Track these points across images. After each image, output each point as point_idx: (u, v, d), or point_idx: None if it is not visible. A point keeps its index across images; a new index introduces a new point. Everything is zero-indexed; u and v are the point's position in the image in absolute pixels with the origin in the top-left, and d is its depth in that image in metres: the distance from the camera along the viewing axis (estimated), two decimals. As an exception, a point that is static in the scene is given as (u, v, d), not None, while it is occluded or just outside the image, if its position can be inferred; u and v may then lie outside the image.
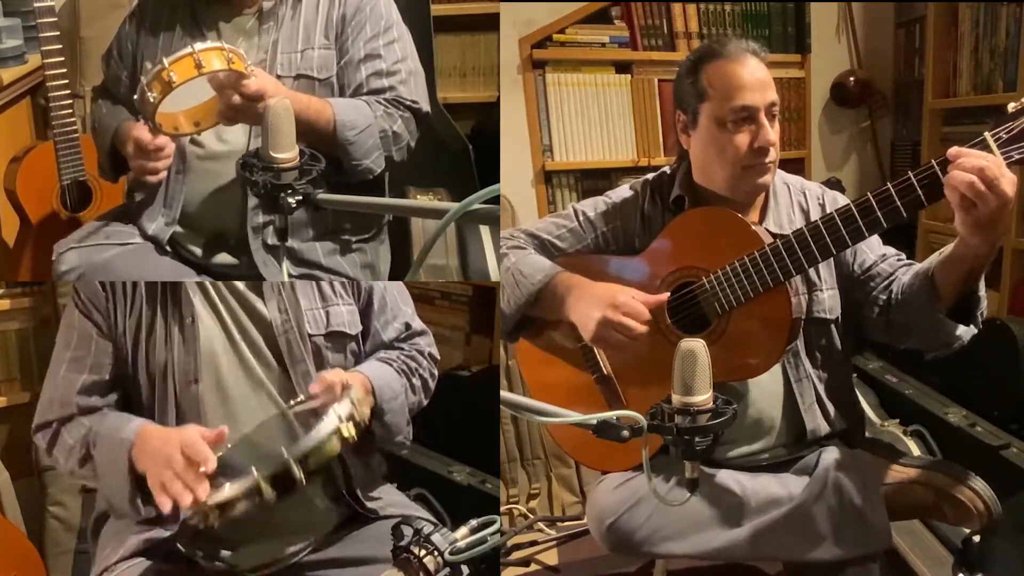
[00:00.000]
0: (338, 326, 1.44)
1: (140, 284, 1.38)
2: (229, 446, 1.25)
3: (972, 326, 1.36)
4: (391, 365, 1.46)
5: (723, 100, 1.40)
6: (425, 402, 1.53)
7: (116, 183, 1.74)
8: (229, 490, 1.07)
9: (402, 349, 1.52)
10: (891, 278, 1.44)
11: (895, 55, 3.15)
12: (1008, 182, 1.14)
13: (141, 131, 1.46)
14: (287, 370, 1.38)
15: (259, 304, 1.39)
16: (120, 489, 1.24)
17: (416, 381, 1.49)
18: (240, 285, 1.40)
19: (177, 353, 1.34)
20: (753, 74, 1.40)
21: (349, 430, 1.12)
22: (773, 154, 1.42)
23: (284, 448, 1.06)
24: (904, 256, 1.48)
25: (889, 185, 1.22)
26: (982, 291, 1.35)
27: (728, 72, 1.40)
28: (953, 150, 1.16)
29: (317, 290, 1.44)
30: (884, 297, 1.43)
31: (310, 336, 1.40)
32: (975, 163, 1.14)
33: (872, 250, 1.47)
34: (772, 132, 1.40)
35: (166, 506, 1.14)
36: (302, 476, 1.07)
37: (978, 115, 2.68)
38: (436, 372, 1.56)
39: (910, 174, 1.21)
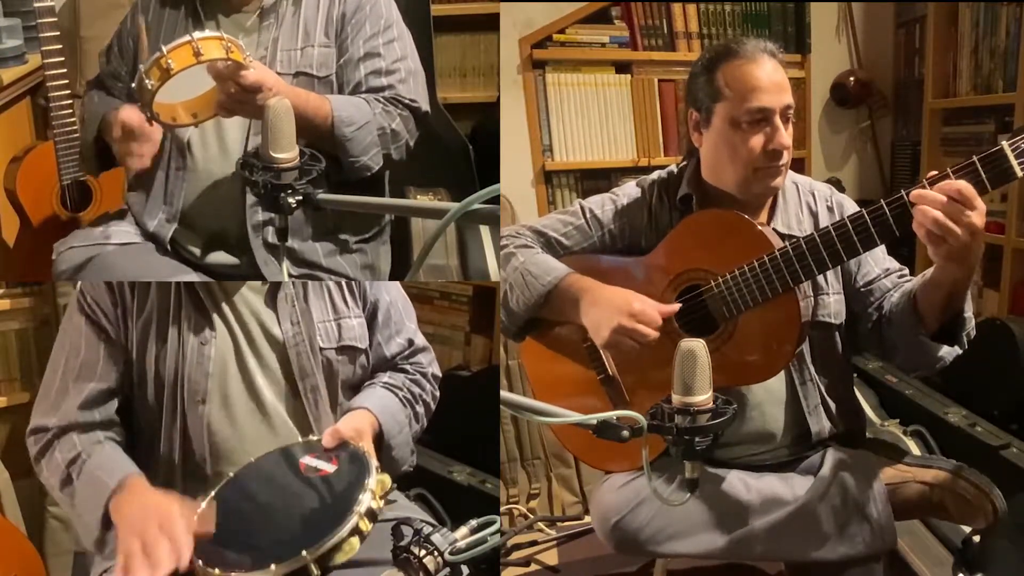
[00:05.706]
0: (350, 340, 1.41)
1: (152, 288, 1.34)
2: (232, 475, 1.24)
3: (956, 347, 1.36)
4: (396, 395, 1.44)
5: (738, 101, 1.37)
6: (426, 425, 1.51)
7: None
8: None
9: (406, 371, 1.50)
10: (888, 294, 1.43)
11: (895, 55, 3.15)
12: (978, 214, 1.13)
13: (129, 114, 1.45)
14: (295, 384, 1.36)
15: (272, 319, 1.37)
16: (90, 529, 1.21)
17: (420, 409, 1.48)
18: (257, 302, 1.38)
19: (189, 369, 1.31)
20: (770, 76, 1.38)
21: (367, 525, 1.12)
22: (786, 157, 1.40)
23: (305, 550, 1.06)
24: (907, 271, 1.47)
25: (903, 192, 1.21)
26: (968, 312, 1.34)
27: (744, 73, 1.38)
28: (914, 193, 1.17)
29: (330, 302, 1.42)
30: (876, 313, 1.43)
31: (321, 349, 1.38)
32: (937, 199, 1.14)
33: (876, 263, 1.46)
34: (786, 135, 1.38)
35: None
36: (319, 574, 1.07)
37: (978, 115, 2.68)
38: (438, 394, 1.54)
39: (924, 181, 1.19)
